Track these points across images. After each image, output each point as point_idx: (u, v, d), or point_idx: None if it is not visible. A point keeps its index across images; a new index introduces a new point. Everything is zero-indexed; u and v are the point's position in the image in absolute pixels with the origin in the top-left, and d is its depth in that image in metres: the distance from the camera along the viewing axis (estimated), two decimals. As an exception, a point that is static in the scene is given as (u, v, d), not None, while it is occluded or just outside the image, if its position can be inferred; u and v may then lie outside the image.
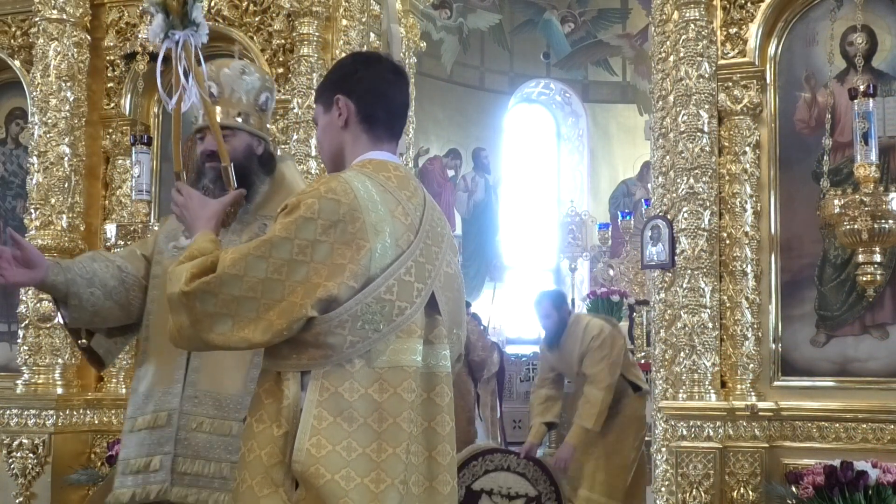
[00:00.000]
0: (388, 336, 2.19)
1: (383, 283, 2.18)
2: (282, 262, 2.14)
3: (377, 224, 2.19)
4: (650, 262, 4.63)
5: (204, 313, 2.16)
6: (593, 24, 15.46)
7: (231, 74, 3.08)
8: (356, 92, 2.37)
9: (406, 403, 2.19)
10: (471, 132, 14.85)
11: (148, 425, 3.00)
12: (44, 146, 5.27)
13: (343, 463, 2.12)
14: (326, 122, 2.41)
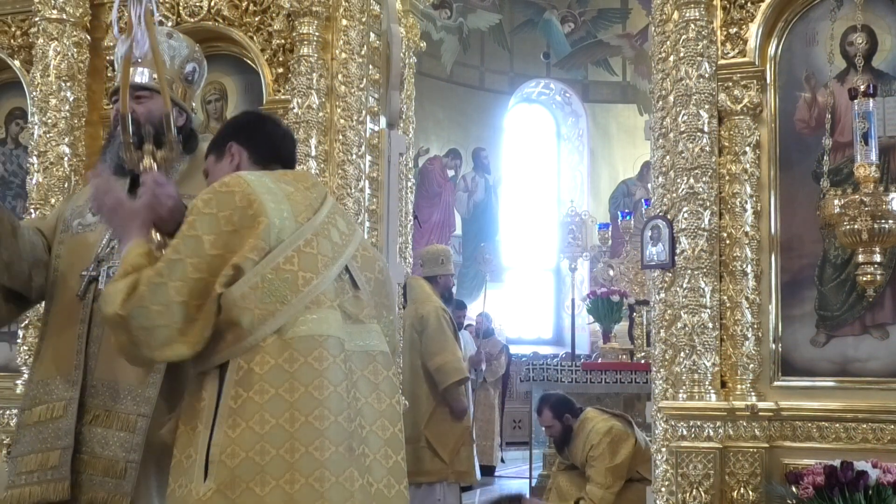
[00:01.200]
0: (296, 307, 2.23)
1: (281, 255, 2.24)
2: (197, 259, 2.20)
3: (272, 202, 2.28)
4: (650, 262, 4.63)
5: (141, 329, 2.20)
6: (593, 24, 15.46)
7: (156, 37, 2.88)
8: (245, 137, 2.55)
9: (317, 371, 2.22)
10: (471, 132, 14.85)
11: (45, 416, 2.79)
12: (44, 146, 5.27)
13: (256, 438, 2.14)
14: (218, 169, 2.55)
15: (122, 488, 2.68)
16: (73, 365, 2.78)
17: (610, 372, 9.24)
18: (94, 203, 2.62)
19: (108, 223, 2.61)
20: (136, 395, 2.74)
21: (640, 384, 8.82)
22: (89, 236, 2.93)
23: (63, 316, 2.85)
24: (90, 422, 2.72)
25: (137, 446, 2.71)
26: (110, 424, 2.72)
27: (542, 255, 15.66)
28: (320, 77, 5.05)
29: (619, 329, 10.64)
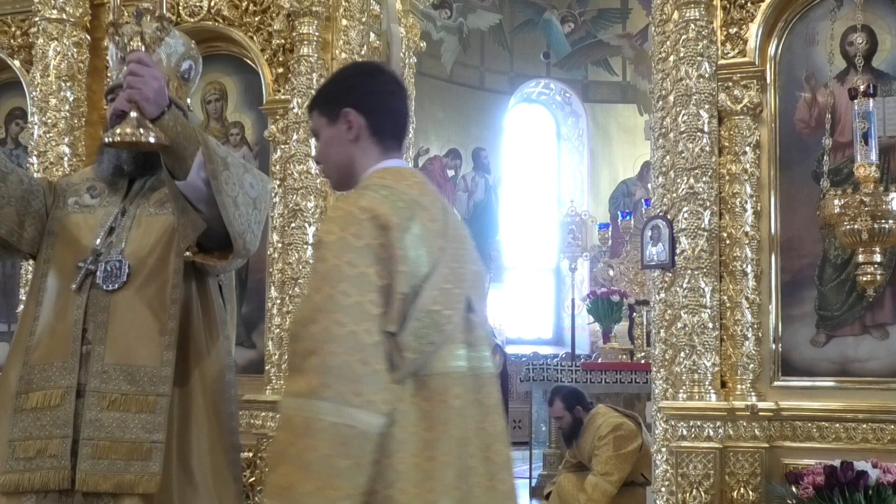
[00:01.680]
0: (439, 347, 2.15)
1: (429, 295, 2.13)
2: (375, 295, 2.06)
3: (410, 233, 2.14)
4: (650, 262, 4.63)
5: (349, 387, 2.00)
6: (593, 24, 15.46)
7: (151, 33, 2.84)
8: (364, 105, 2.33)
9: (453, 410, 2.15)
10: (471, 132, 14.85)
11: (41, 404, 2.75)
12: (44, 146, 5.27)
13: (396, 476, 2.06)
14: (332, 134, 2.36)
15: (150, 468, 2.68)
16: (70, 353, 2.76)
17: (610, 372, 9.24)
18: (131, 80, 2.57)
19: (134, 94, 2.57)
20: (153, 375, 2.73)
21: (640, 384, 8.82)
22: (87, 218, 2.93)
23: (56, 300, 2.85)
24: (107, 407, 2.70)
25: (160, 426, 2.72)
26: (128, 408, 2.71)
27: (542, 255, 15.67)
28: (320, 77, 5.05)
29: (619, 329, 10.64)
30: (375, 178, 2.26)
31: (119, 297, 2.80)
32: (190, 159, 2.68)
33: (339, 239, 2.08)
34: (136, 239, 2.87)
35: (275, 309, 5.03)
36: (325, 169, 2.43)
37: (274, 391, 4.93)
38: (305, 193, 4.97)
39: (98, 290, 2.81)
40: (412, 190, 2.24)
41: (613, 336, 10.48)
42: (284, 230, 5.02)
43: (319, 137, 2.40)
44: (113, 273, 2.81)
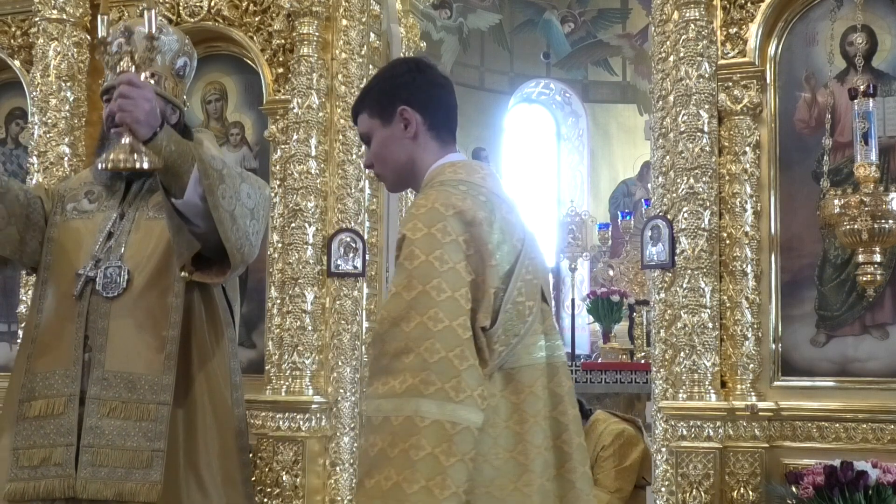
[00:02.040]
0: (524, 338, 2.15)
1: (514, 287, 2.13)
2: (466, 290, 2.04)
3: (494, 226, 2.13)
4: (650, 262, 4.63)
5: (450, 382, 1.98)
6: (593, 24, 15.45)
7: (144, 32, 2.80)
8: (419, 101, 2.30)
9: (542, 402, 2.16)
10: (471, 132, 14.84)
11: (44, 412, 2.74)
12: (44, 146, 5.27)
13: (495, 472, 2.06)
14: (388, 135, 2.31)
15: (151, 477, 2.67)
16: (72, 360, 2.75)
17: (610, 372, 9.24)
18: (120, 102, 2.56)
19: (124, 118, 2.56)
20: (154, 383, 2.72)
21: (640, 384, 8.82)
22: (86, 224, 2.91)
23: (59, 308, 2.84)
24: (107, 414, 2.69)
25: (161, 434, 2.70)
26: (129, 415, 2.70)
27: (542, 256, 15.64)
28: (320, 77, 5.05)
29: (619, 329, 10.63)
30: (448, 174, 2.23)
31: (119, 304, 2.78)
32: (186, 175, 2.65)
33: (426, 235, 2.05)
34: (135, 244, 2.85)
35: (275, 309, 5.03)
36: (380, 171, 2.37)
37: (274, 391, 4.94)
38: (305, 193, 4.97)
39: (98, 296, 2.80)
40: (487, 182, 2.23)
41: (613, 336, 10.48)
42: (284, 230, 5.02)
43: (372, 140, 2.34)
44: (112, 280, 2.79)
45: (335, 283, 5.02)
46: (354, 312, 5.04)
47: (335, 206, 5.04)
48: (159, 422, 2.69)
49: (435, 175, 2.25)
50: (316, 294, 4.98)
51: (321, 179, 5.02)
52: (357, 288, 5.06)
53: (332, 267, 4.99)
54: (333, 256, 4.98)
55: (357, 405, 5.02)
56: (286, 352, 4.93)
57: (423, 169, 2.29)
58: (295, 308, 4.93)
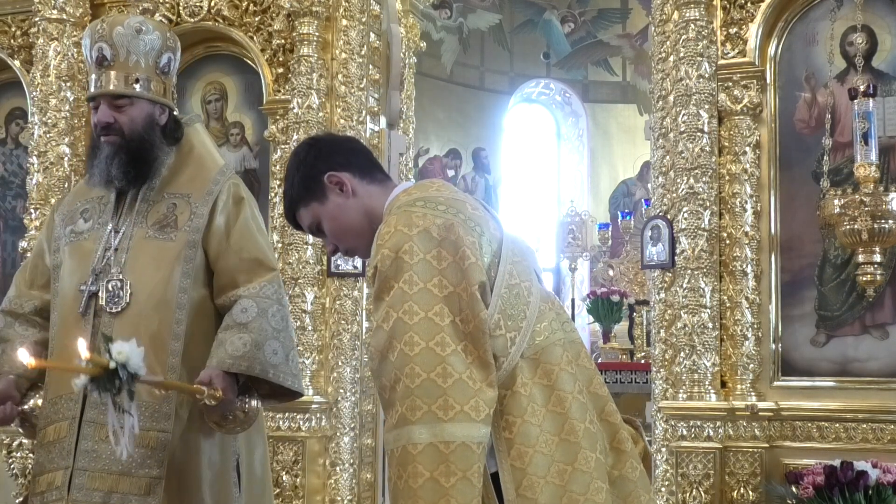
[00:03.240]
0: (531, 319, 2.11)
1: (504, 270, 2.11)
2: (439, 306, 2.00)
3: (467, 224, 2.10)
4: (650, 262, 4.63)
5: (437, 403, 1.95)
6: (593, 24, 15.45)
7: (126, 34, 2.77)
8: (335, 162, 2.28)
9: (574, 376, 2.13)
10: (471, 132, 14.83)
11: (53, 437, 2.73)
12: (44, 146, 5.27)
13: (548, 461, 2.04)
14: (331, 207, 2.27)
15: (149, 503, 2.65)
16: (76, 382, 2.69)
17: (610, 372, 9.22)
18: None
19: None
20: (154, 410, 2.68)
21: (640, 384, 8.82)
22: (84, 244, 2.86)
23: (66, 331, 2.80)
24: (104, 438, 2.63)
25: (160, 462, 2.66)
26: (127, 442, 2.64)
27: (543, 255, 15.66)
28: (320, 77, 5.06)
29: (619, 329, 10.63)
30: (402, 199, 2.20)
31: (123, 322, 2.73)
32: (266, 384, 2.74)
33: (394, 261, 2.04)
34: (135, 260, 2.79)
35: (275, 309, 5.02)
36: (347, 246, 2.33)
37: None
38: (305, 193, 4.97)
39: (103, 314, 2.76)
40: (442, 191, 2.20)
41: (613, 336, 10.48)
42: (284, 230, 5.02)
43: (323, 223, 2.30)
44: (115, 294, 2.75)
45: (335, 283, 5.02)
46: (354, 312, 5.04)
47: (335, 207, 5.03)
48: (158, 449, 2.66)
49: (391, 206, 2.22)
50: (316, 294, 4.98)
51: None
52: (357, 288, 5.06)
53: (332, 267, 4.99)
54: (333, 256, 4.98)
55: (357, 405, 5.02)
56: (286, 352, 4.92)
57: (379, 212, 2.25)
58: (295, 308, 4.93)
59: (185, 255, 2.78)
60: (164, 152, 2.85)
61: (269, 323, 2.72)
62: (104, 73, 2.78)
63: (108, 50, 2.75)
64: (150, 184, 2.83)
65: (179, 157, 2.88)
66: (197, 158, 2.91)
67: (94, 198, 2.94)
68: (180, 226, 2.81)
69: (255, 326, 2.70)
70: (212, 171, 2.91)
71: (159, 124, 2.84)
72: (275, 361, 2.68)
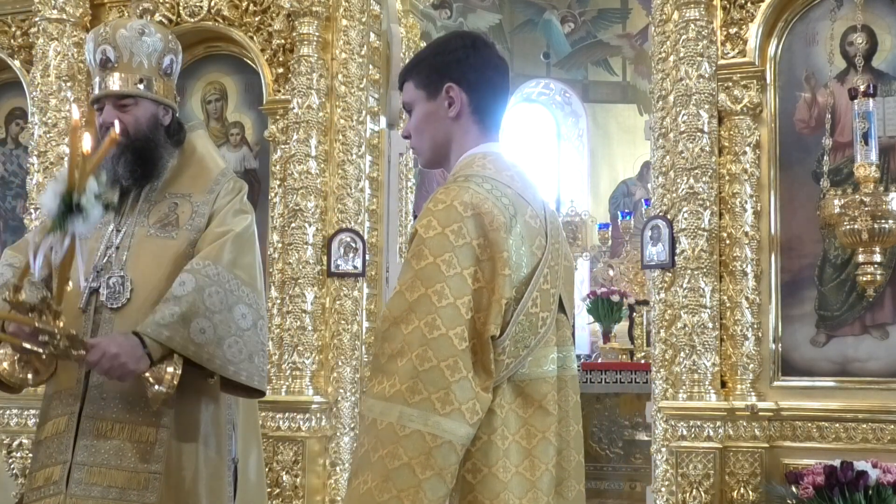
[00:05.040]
0: (534, 351, 2.07)
1: (529, 297, 2.04)
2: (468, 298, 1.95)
3: (514, 232, 2.03)
4: (650, 262, 4.63)
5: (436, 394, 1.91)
6: (593, 24, 15.44)
7: (129, 36, 2.80)
8: (468, 81, 2.17)
9: (552, 417, 2.09)
10: (471, 132, 14.83)
11: (52, 432, 2.73)
12: (44, 146, 5.27)
13: (501, 487, 1.99)
14: (431, 110, 2.19)
15: (146, 499, 2.64)
16: (76, 378, 2.73)
17: (610, 372, 9.23)
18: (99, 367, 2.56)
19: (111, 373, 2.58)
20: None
21: (640, 384, 8.82)
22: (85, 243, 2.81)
23: None
24: (103, 434, 2.66)
25: (159, 457, 2.67)
26: (126, 437, 2.67)
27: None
28: (320, 77, 5.06)
29: (619, 329, 10.62)
30: (476, 168, 2.12)
31: (123, 317, 2.73)
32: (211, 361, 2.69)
33: (438, 235, 1.96)
34: (136, 257, 2.80)
35: (275, 309, 5.03)
36: (417, 144, 2.25)
37: (274, 391, 4.93)
38: (305, 193, 4.97)
39: (104, 309, 2.76)
40: (514, 183, 2.12)
41: (613, 336, 10.47)
42: (284, 230, 5.02)
43: (413, 111, 2.22)
44: (115, 290, 2.76)
45: (335, 283, 5.02)
46: (354, 312, 5.04)
47: (335, 206, 5.04)
48: (157, 444, 2.66)
49: (464, 166, 2.15)
50: (316, 294, 4.98)
51: (321, 179, 5.02)
52: (357, 288, 5.06)
53: (332, 267, 4.99)
54: (333, 256, 4.98)
55: (357, 405, 5.02)
56: (286, 352, 4.93)
57: (458, 152, 2.19)
58: (295, 308, 4.93)
59: (185, 252, 2.79)
60: (168, 152, 2.87)
61: (204, 302, 2.68)
62: (108, 74, 2.80)
63: (112, 52, 2.77)
64: (152, 184, 2.85)
65: (182, 159, 2.90)
66: (199, 160, 2.93)
67: None
68: (181, 224, 2.83)
69: (187, 301, 2.66)
70: (213, 172, 2.94)
71: (163, 125, 2.86)
72: (199, 340, 2.63)
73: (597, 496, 8.98)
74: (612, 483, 9.11)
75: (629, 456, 9.08)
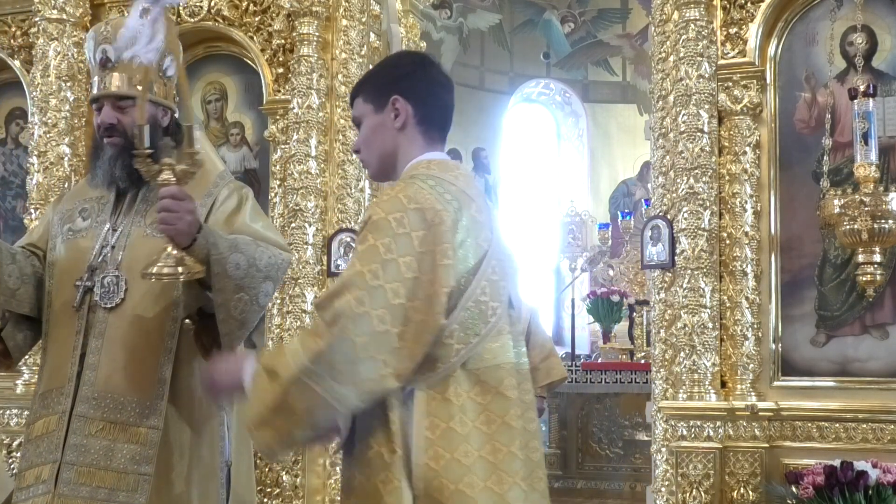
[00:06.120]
0: (486, 339, 2.16)
1: (477, 286, 2.14)
2: (398, 284, 2.05)
3: (459, 224, 2.14)
4: (650, 262, 4.63)
5: (345, 363, 2.02)
6: (593, 24, 15.45)
7: (129, 36, 2.68)
8: (414, 94, 2.30)
9: (511, 401, 2.17)
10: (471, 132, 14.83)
11: (42, 431, 2.72)
12: (44, 146, 5.27)
13: (464, 470, 2.08)
14: (378, 122, 2.31)
15: (135, 500, 2.63)
16: (67, 377, 2.72)
17: (610, 372, 9.25)
18: (163, 215, 2.53)
19: (169, 228, 2.54)
20: (145, 406, 2.67)
21: (640, 384, 8.82)
22: (81, 242, 2.86)
23: (59, 327, 2.80)
24: (94, 433, 2.64)
25: (149, 459, 2.66)
26: (116, 437, 2.65)
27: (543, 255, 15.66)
28: (320, 77, 5.06)
29: (619, 329, 10.63)
30: (421, 169, 2.24)
31: (117, 318, 2.73)
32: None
33: (381, 220, 2.09)
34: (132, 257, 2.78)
35: (275, 309, 5.03)
36: (365, 157, 2.37)
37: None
38: (305, 193, 4.97)
39: (98, 308, 2.75)
40: (458, 181, 2.24)
41: (613, 336, 10.49)
42: (284, 230, 5.02)
43: (362, 125, 2.34)
44: (110, 289, 2.74)
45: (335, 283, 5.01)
46: (354, 312, 5.03)
47: (335, 206, 5.05)
48: (149, 446, 2.65)
49: (410, 170, 2.27)
50: (316, 294, 4.98)
51: (321, 179, 5.03)
52: (357, 288, 5.05)
53: (333, 267, 4.99)
54: (333, 256, 4.98)
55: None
56: (286, 352, 4.92)
57: (404, 162, 2.31)
58: (295, 308, 4.93)
59: None
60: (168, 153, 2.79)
61: (255, 252, 2.72)
62: (108, 74, 2.79)
63: (112, 52, 2.76)
64: (150, 185, 2.80)
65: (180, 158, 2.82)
66: None
67: (94, 198, 2.94)
68: None
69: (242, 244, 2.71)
70: (212, 174, 2.92)
71: (162, 126, 2.84)
72: (232, 273, 2.66)
73: (597, 496, 8.98)
74: (612, 483, 9.12)
75: (629, 456, 9.09)
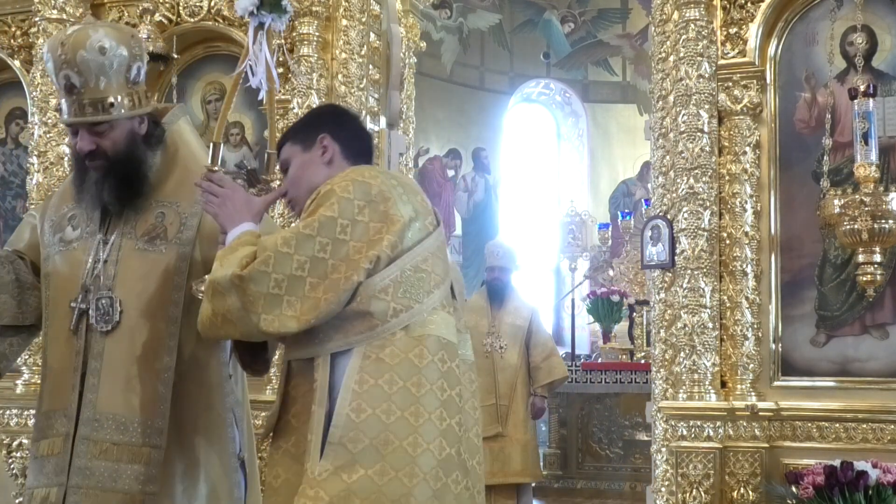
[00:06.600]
0: (426, 307, 2.29)
1: (420, 254, 2.29)
2: (327, 241, 2.22)
3: (405, 203, 2.31)
4: (650, 262, 4.63)
5: (258, 294, 2.21)
6: (593, 24, 15.45)
7: (90, 59, 2.64)
8: (338, 133, 2.53)
9: (440, 373, 2.27)
10: (471, 132, 14.83)
11: (47, 452, 2.72)
12: (44, 146, 5.27)
13: (381, 427, 2.18)
14: (307, 159, 2.52)
15: None
16: (70, 401, 2.70)
17: (610, 372, 9.26)
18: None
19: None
20: (147, 426, 2.66)
21: (640, 384, 8.83)
22: (74, 254, 2.81)
23: (58, 346, 2.78)
24: (98, 455, 2.64)
25: (154, 478, 2.65)
26: (120, 458, 2.64)
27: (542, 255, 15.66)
28: (320, 77, 5.05)
29: (619, 329, 10.64)
30: (358, 170, 2.41)
31: (113, 340, 2.71)
32: None
33: (330, 190, 2.28)
34: (125, 275, 2.74)
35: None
36: (294, 195, 2.55)
37: (274, 391, 4.93)
38: (305, 193, 4.97)
39: (94, 331, 2.73)
40: (399, 177, 2.48)
41: (613, 336, 10.49)
42: (284, 230, 5.02)
43: (290, 166, 2.54)
44: (105, 312, 2.71)
45: (335, 283, 5.01)
46: (354, 312, 5.03)
47: (335, 206, 5.04)
48: (152, 465, 2.64)
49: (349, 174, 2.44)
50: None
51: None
52: (357, 288, 5.05)
53: (332, 267, 4.98)
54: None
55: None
56: (286, 352, 4.92)
57: None
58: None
59: (175, 267, 2.74)
60: (152, 156, 2.79)
61: None
62: (75, 101, 2.68)
63: (77, 78, 2.64)
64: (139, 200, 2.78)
65: (164, 159, 2.82)
66: (182, 162, 2.85)
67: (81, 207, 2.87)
68: (170, 237, 2.76)
69: None
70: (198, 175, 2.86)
71: (140, 135, 2.78)
72: None
73: (597, 496, 8.99)
74: (613, 483, 9.13)
75: (629, 456, 9.10)
